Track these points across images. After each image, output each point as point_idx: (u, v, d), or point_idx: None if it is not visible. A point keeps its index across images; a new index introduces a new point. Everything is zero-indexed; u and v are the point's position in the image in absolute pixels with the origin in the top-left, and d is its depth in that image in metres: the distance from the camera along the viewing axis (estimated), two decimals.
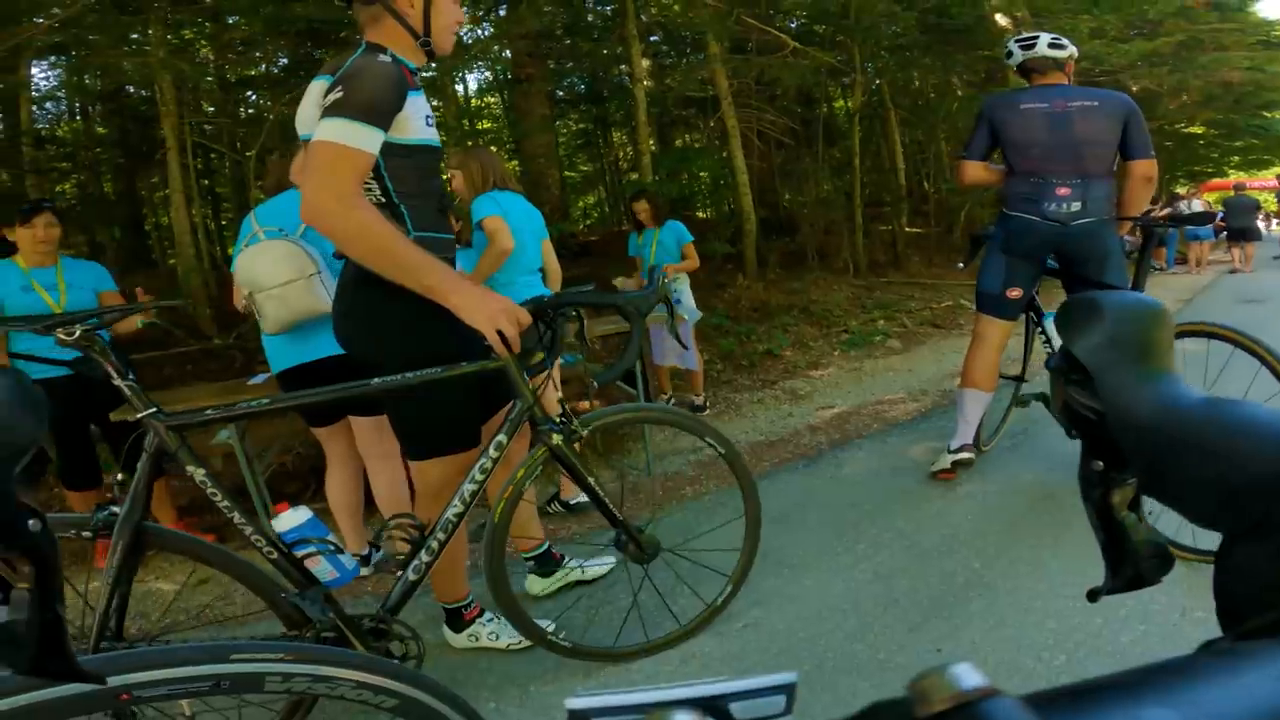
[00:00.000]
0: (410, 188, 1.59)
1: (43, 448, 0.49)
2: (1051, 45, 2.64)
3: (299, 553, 1.53)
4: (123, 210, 11.18)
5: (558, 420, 1.65)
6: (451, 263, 1.73)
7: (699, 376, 4.64)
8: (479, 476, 1.58)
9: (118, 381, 1.44)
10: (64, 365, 2.74)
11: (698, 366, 4.56)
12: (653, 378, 4.59)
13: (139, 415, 1.44)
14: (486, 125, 12.86)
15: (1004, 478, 2.93)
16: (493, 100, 13.30)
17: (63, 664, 0.56)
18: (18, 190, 9.47)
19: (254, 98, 10.05)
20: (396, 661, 1.49)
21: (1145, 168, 2.62)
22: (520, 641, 1.97)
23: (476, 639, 1.99)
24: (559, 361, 2.11)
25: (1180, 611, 1.85)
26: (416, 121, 1.54)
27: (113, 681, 0.61)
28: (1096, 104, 2.57)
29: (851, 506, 2.79)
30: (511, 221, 2.73)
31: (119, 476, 1.53)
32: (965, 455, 2.86)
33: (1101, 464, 0.54)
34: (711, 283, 7.46)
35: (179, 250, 7.07)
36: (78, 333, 1.42)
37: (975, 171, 2.80)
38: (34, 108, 9.35)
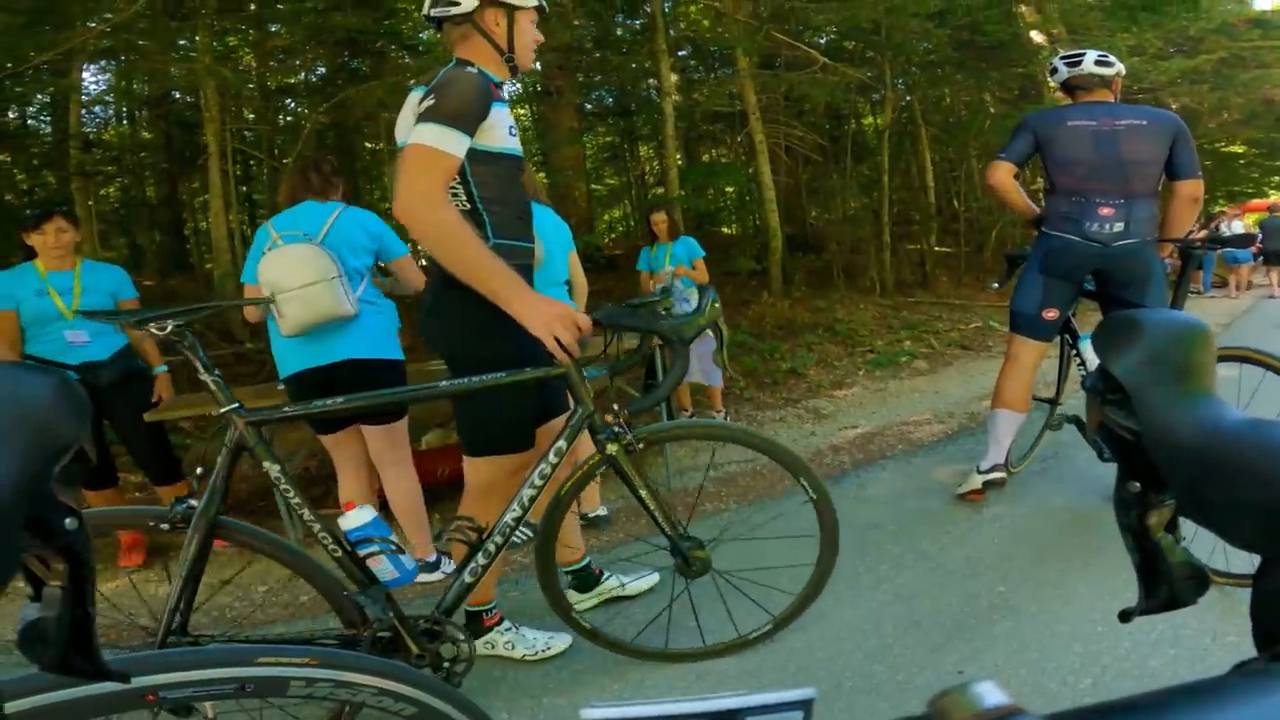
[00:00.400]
0: (493, 194, 1.68)
1: (83, 448, 0.50)
2: (1098, 62, 2.59)
3: (362, 552, 1.56)
4: (164, 215, 11.47)
5: (615, 430, 1.64)
6: (528, 270, 1.79)
7: (718, 393, 4.62)
8: (538, 481, 1.60)
9: (203, 376, 1.49)
10: (72, 369, 2.84)
11: (720, 383, 4.54)
12: (673, 394, 4.59)
13: (222, 410, 1.48)
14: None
15: (1033, 501, 2.87)
16: (522, 112, 13.49)
17: (90, 663, 0.57)
18: (63, 193, 9.80)
19: (292, 105, 10.31)
20: (427, 670, 1.51)
21: (1192, 188, 2.56)
22: (537, 653, 1.97)
23: (493, 646, 1.99)
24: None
25: (1211, 636, 1.80)
26: (500, 131, 1.65)
27: (141, 682, 0.63)
28: (1145, 123, 2.52)
29: (874, 527, 2.75)
30: (540, 235, 2.76)
31: (198, 470, 1.58)
32: (997, 475, 2.80)
33: (1138, 485, 0.53)
34: (736, 299, 7.46)
35: (216, 255, 7.22)
36: (169, 328, 1.46)
37: (1005, 176, 2.69)
38: (83, 111, 9.68)
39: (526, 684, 1.90)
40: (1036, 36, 9.14)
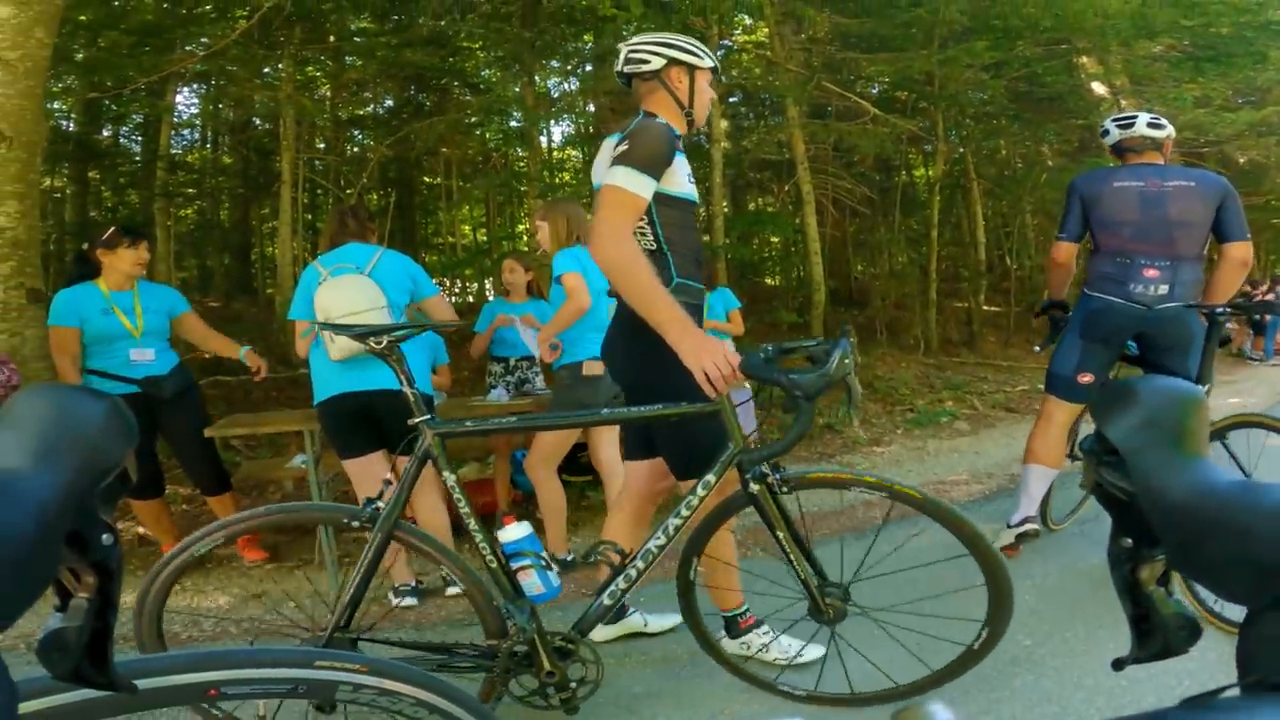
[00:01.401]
0: (675, 235, 1.86)
1: (125, 469, 0.54)
2: (1150, 125, 2.61)
3: (514, 565, 1.65)
4: (235, 238, 12.02)
5: (764, 471, 1.67)
6: (698, 309, 1.94)
7: (751, 442, 4.60)
8: (685, 512, 1.67)
9: (406, 389, 1.60)
10: (134, 383, 3.01)
11: (755, 433, 4.53)
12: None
13: (416, 420, 1.61)
14: (566, 178, 13.38)
15: (1067, 560, 2.83)
16: (574, 153, 13.85)
17: (103, 673, 0.60)
18: (146, 212, 10.40)
19: (360, 136, 10.84)
20: (551, 688, 1.57)
21: (1241, 251, 2.54)
22: (790, 659, 2.04)
23: (748, 647, 2.08)
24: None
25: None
26: (680, 176, 1.84)
27: (205, 677, 0.69)
28: (1192, 184, 2.52)
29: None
30: (588, 279, 2.85)
31: (388, 477, 1.71)
32: (1029, 527, 2.76)
33: (1130, 541, 0.57)
34: None
35: (280, 281, 7.54)
36: (385, 342, 1.62)
37: (1069, 257, 2.75)
38: (172, 133, 10.31)
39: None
40: (1098, 88, 8.97)
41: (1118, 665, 0.61)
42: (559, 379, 2.98)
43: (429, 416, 1.61)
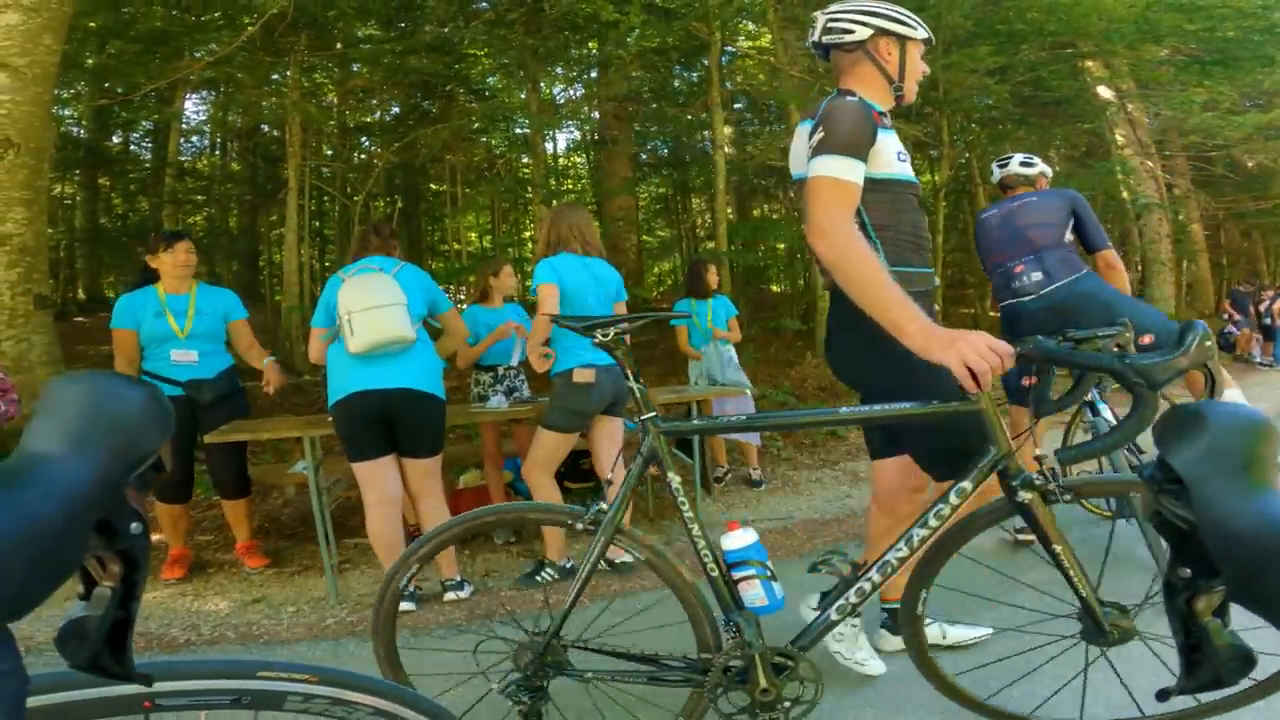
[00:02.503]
0: (884, 220, 1.72)
1: (160, 457, 0.53)
2: (1022, 164, 3.12)
3: (736, 574, 1.55)
4: (244, 245, 12.11)
5: (1035, 476, 1.46)
6: (927, 296, 1.78)
7: (754, 450, 4.59)
8: (933, 522, 1.49)
9: (631, 384, 1.54)
10: (179, 385, 3.04)
11: (758, 441, 4.50)
12: (708, 449, 4.56)
13: (642, 418, 1.53)
14: (570, 185, 13.41)
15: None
16: (579, 159, 13.88)
17: (121, 664, 0.58)
18: (155, 219, 10.49)
19: (367, 143, 10.91)
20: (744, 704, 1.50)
21: (1109, 255, 2.95)
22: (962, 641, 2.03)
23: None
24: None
25: None
26: (888, 156, 1.70)
27: (138, 690, 0.67)
28: (1035, 198, 3.00)
29: None
30: (569, 285, 2.84)
31: (608, 477, 1.62)
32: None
33: (1188, 571, 0.55)
34: (780, 359, 7.40)
35: (285, 288, 7.57)
36: (611, 334, 1.55)
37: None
38: (181, 140, 10.39)
39: None
40: (1104, 92, 8.91)
41: (1162, 696, 0.61)
42: (553, 386, 2.97)
43: (653, 414, 1.53)
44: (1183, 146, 11.28)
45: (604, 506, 1.54)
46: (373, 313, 2.49)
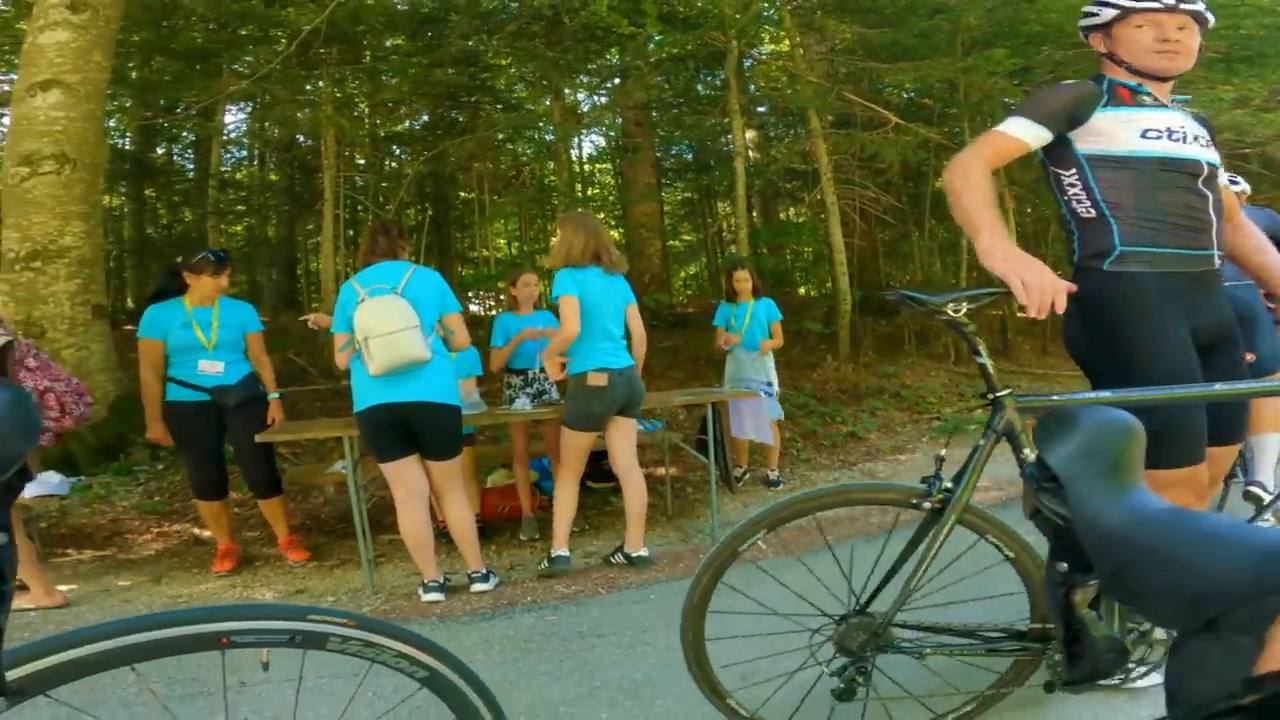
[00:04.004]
0: (1121, 199, 1.70)
1: (26, 465, 0.55)
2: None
3: None
4: (282, 253, 12.46)
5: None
6: (1193, 281, 1.71)
7: (775, 451, 4.68)
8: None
9: (979, 359, 1.53)
10: (204, 391, 3.26)
11: (773, 441, 4.59)
12: (730, 450, 4.67)
13: (995, 395, 1.52)
14: (595, 192, 13.58)
15: None
16: (603, 166, 14.03)
17: None
18: (199, 229, 10.88)
19: (397, 152, 11.20)
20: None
21: None
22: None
23: None
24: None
25: None
26: (1127, 134, 1.68)
27: (217, 627, 0.82)
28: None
29: None
30: (590, 299, 3.01)
31: (941, 453, 1.58)
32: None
33: (1065, 565, 0.59)
34: (802, 362, 7.45)
35: (324, 296, 7.83)
36: (964, 309, 1.56)
37: None
38: (222, 150, 10.73)
39: None
40: None
41: (1048, 689, 0.64)
42: (570, 387, 3.14)
43: (1008, 391, 1.52)
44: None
45: (949, 485, 1.53)
46: (389, 338, 2.65)
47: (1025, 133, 1.67)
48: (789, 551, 2.16)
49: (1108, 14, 1.74)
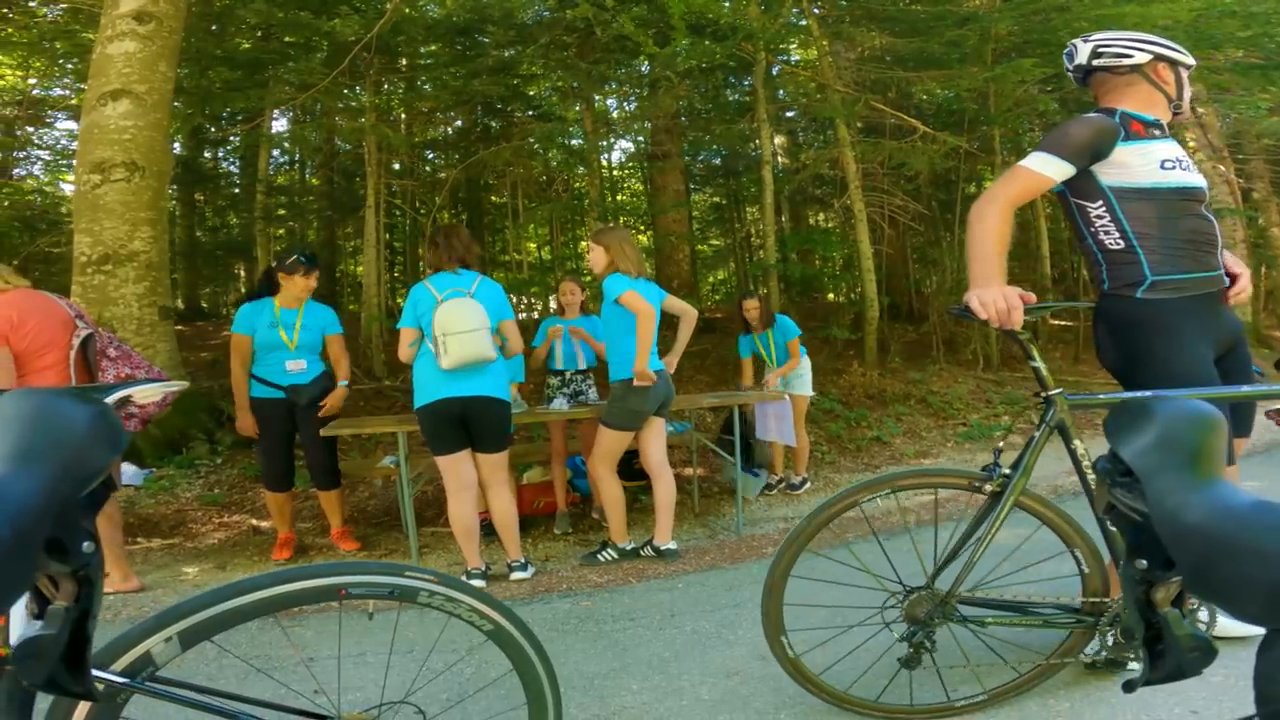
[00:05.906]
0: (1146, 229, 1.80)
1: (111, 475, 0.62)
2: None
3: None
4: (323, 257, 12.81)
5: None
6: (1210, 299, 1.84)
7: (802, 455, 4.80)
8: None
9: (1036, 364, 1.66)
10: (280, 389, 3.50)
11: (795, 443, 4.69)
12: (761, 451, 4.82)
13: (1048, 394, 1.66)
14: (624, 198, 13.74)
15: None
16: (633, 173, 14.21)
17: (80, 683, 0.60)
18: (247, 234, 11.30)
19: (433, 157, 11.51)
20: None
21: None
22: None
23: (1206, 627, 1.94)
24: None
25: None
26: (1148, 166, 1.79)
27: (335, 580, 1.02)
28: None
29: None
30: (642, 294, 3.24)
31: (999, 445, 1.74)
32: None
33: (1145, 563, 0.55)
34: (829, 368, 7.53)
35: (365, 298, 8.10)
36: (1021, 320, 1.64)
37: None
38: (270, 154, 11.11)
39: None
40: None
41: (1129, 687, 0.61)
42: (613, 391, 3.32)
43: (1059, 390, 1.64)
44: (1260, 149, 10.84)
45: (1007, 471, 1.66)
46: (464, 336, 2.91)
47: (1051, 169, 1.76)
48: (839, 540, 2.32)
49: (1186, 58, 1.89)
